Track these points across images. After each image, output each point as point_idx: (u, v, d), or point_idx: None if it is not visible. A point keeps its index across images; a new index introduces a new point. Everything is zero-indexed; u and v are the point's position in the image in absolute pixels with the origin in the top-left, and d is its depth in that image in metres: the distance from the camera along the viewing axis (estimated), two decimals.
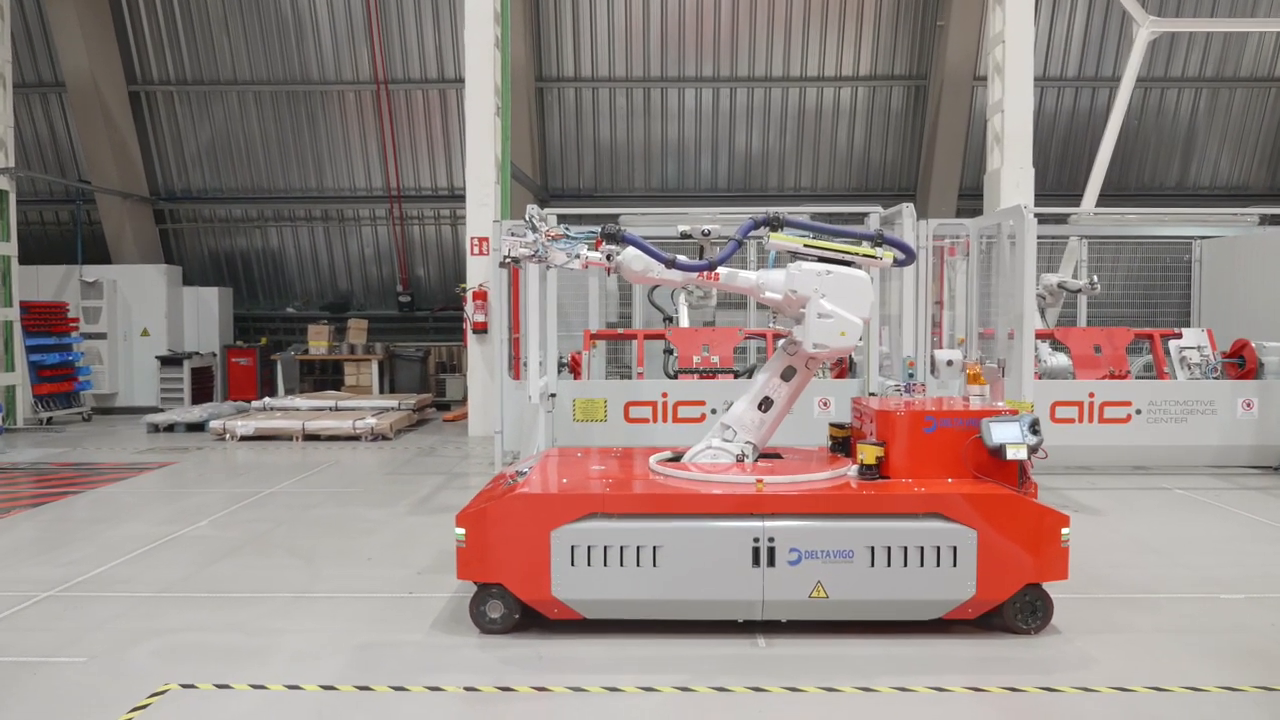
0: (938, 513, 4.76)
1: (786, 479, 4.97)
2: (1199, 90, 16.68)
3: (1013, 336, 8.92)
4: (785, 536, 4.74)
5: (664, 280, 5.30)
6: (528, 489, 4.89)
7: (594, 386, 9.77)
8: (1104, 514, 7.85)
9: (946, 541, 4.76)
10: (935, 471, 5.03)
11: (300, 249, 17.75)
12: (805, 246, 5.23)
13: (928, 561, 4.75)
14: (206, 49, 16.19)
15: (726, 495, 4.82)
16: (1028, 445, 4.87)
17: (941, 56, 15.84)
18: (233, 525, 7.52)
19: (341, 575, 6.10)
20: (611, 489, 4.89)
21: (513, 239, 5.25)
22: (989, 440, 4.90)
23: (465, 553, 4.84)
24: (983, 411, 5.08)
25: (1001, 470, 4.96)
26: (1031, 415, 4.99)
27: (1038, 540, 4.80)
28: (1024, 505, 4.81)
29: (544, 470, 5.41)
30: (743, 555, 4.74)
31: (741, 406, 5.44)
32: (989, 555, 4.76)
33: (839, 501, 4.81)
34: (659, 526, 4.76)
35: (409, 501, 8.43)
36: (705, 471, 5.16)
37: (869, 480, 5.02)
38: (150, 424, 13.24)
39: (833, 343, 5.08)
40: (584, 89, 16.61)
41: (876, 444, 5.09)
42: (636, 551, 4.75)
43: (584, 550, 4.75)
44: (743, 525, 4.76)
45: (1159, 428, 9.64)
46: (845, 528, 4.76)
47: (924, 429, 5.05)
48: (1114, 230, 11.94)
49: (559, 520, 4.76)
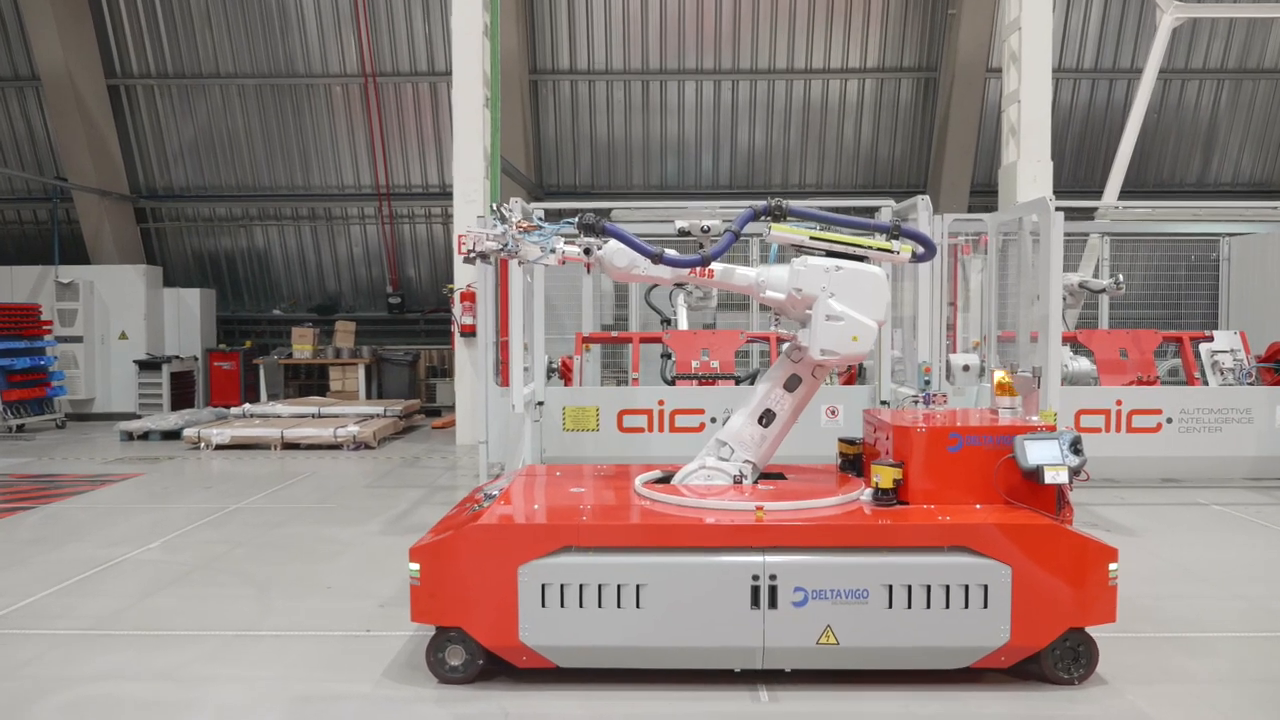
0: (965, 546, 4.10)
1: (790, 505, 4.31)
2: (1221, 82, 16.00)
3: (1035, 340, 8.28)
4: (789, 573, 4.08)
5: (651, 278, 4.65)
6: (490, 518, 4.24)
7: (585, 394, 9.14)
8: (1139, 534, 7.19)
9: (976, 579, 4.09)
10: (961, 496, 4.37)
11: (287, 248, 17.14)
12: (812, 239, 4.58)
13: (954, 602, 4.09)
14: (188, 41, 15.59)
15: (721, 525, 4.15)
16: (1069, 467, 4.22)
17: (953, 47, 15.19)
18: (186, 547, 6.89)
19: (294, 608, 5.46)
20: (588, 517, 4.24)
21: (478, 232, 4.62)
22: (1024, 461, 4.24)
23: (420, 591, 4.18)
24: (1015, 427, 4.41)
25: (1037, 495, 4.30)
26: (1072, 433, 4.34)
27: (1082, 577, 4.13)
28: (1066, 536, 4.15)
29: (515, 493, 4.76)
30: (740, 595, 4.08)
31: (739, 420, 4.77)
32: (1025, 595, 4.09)
33: (851, 532, 4.14)
34: (642, 562, 4.10)
35: (383, 519, 7.79)
36: (698, 496, 4.51)
37: (885, 506, 4.37)
38: (123, 432, 12.63)
39: (843, 348, 4.42)
40: (580, 82, 15.97)
41: (893, 464, 4.43)
42: (617, 590, 4.09)
43: (556, 589, 4.09)
44: (740, 560, 4.09)
45: (1192, 437, 8.96)
46: (858, 563, 4.10)
47: (948, 447, 4.39)
48: (1140, 226, 11.28)
49: (527, 554, 4.10)
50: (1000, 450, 4.34)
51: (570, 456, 8.86)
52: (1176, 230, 11.86)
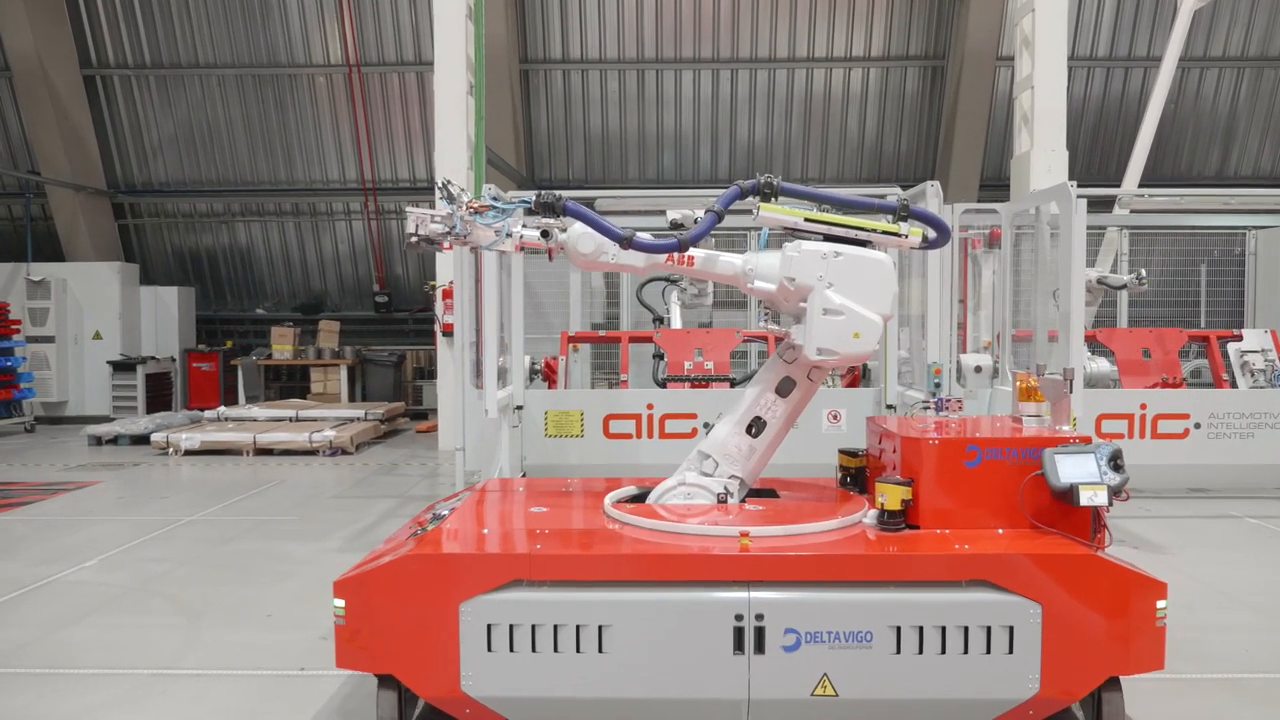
0: (987, 580, 3.47)
1: (781, 531, 3.68)
2: (1241, 71, 15.33)
3: (1054, 339, 7.66)
4: (779, 611, 3.45)
5: (621, 266, 4.00)
6: (428, 546, 3.62)
7: (568, 397, 8.53)
8: (1170, 551, 6.55)
9: (1000, 619, 3.45)
10: (981, 520, 3.75)
11: (270, 245, 16.55)
12: (806, 221, 3.94)
13: (974, 647, 3.45)
14: (166, 30, 15.00)
15: (698, 554, 3.52)
16: (1109, 486, 3.59)
17: (961, 34, 14.54)
18: (125, 566, 6.29)
19: (225, 641, 4.85)
20: (543, 545, 3.62)
21: (421, 212, 4.01)
22: (1055, 479, 3.60)
23: (346, 632, 3.54)
24: (1044, 439, 3.79)
25: (1069, 519, 3.66)
26: (1111, 445, 3.71)
27: (1125, 616, 3.49)
28: (1105, 568, 3.50)
29: (465, 514, 4.14)
30: (721, 637, 3.45)
31: (725, 429, 4.13)
32: (1058, 638, 3.45)
33: (852, 564, 3.50)
34: (605, 598, 3.47)
35: (346, 533, 7.18)
36: (675, 518, 3.87)
37: (892, 531, 3.74)
38: (92, 436, 12.04)
39: (843, 347, 3.77)
40: (573, 71, 15.35)
41: (902, 482, 3.78)
42: (576, 632, 3.46)
43: (504, 630, 3.46)
44: (721, 596, 3.46)
45: (1221, 444, 8.32)
46: (861, 600, 3.46)
47: (965, 462, 3.75)
48: (1161, 219, 10.65)
49: (470, 589, 3.47)
50: (1026, 466, 3.72)
51: (553, 464, 8.25)
52: (1199, 223, 11.21)
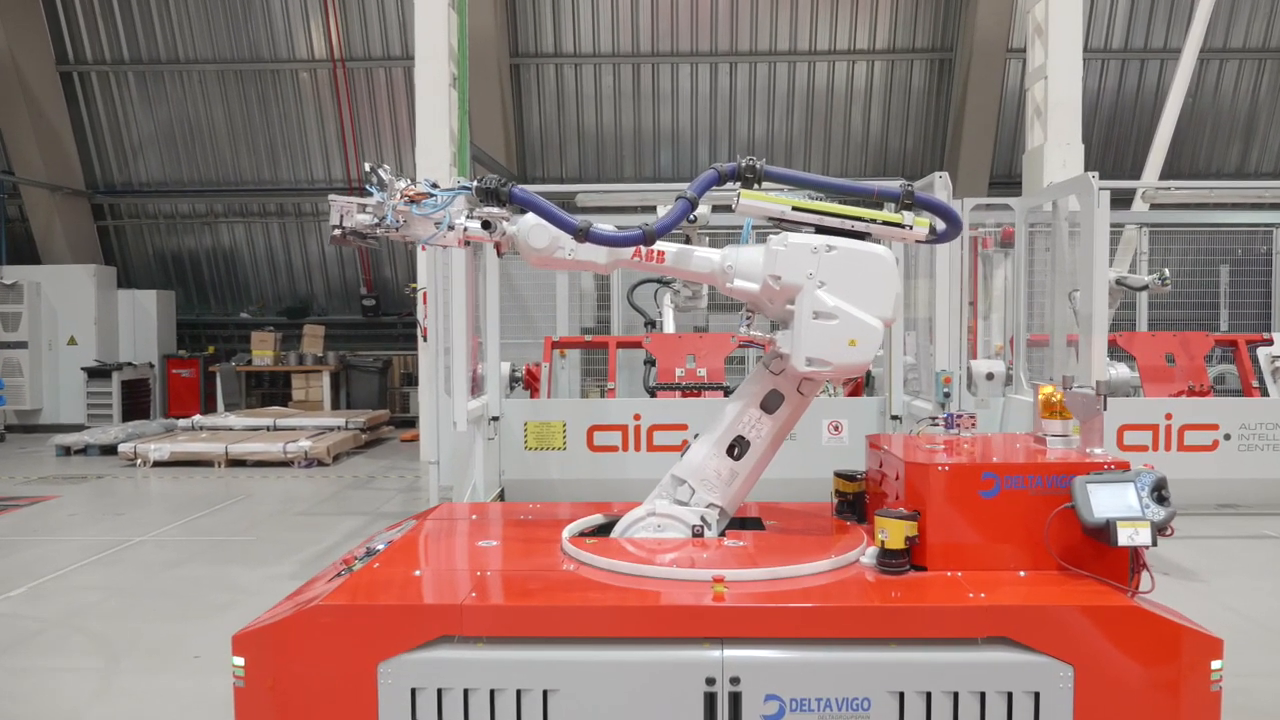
0: (1008, 636, 2.88)
1: (763, 574, 3.09)
2: (1262, 63, 14.69)
3: (1073, 344, 7.07)
4: (758, 674, 2.86)
5: (580, 263, 3.41)
6: (341, 595, 3.03)
7: (549, 407, 7.97)
8: (1200, 577, 5.96)
9: (1024, 684, 2.85)
10: (999, 560, 3.17)
11: (255, 247, 16.00)
12: (795, 210, 3.35)
13: (992, 716, 2.85)
14: (146, 24, 14.46)
15: (663, 606, 2.93)
16: (1152, 523, 3.01)
17: (970, 25, 13.93)
18: (56, 594, 5.74)
19: (142, 688, 4.29)
20: (479, 594, 3.03)
21: (346, 201, 3.44)
22: (1088, 514, 3.01)
23: (246, 696, 2.97)
24: (1073, 464, 3.20)
25: (1103, 559, 3.09)
26: (1154, 473, 3.14)
27: (1174, 681, 2.88)
28: (1152, 623, 2.89)
29: (399, 550, 3.56)
30: (689, 705, 2.86)
31: (702, 451, 3.52)
32: (1095, 707, 2.85)
33: (846, 617, 2.90)
34: (550, 658, 2.89)
35: (302, 557, 6.62)
36: (641, 557, 3.26)
37: (895, 574, 3.14)
38: (59, 446, 11.52)
39: (837, 356, 3.21)
40: (565, 66, 14.78)
41: (906, 515, 3.17)
42: (516, 699, 2.88)
43: (431, 695, 2.88)
44: (689, 656, 2.87)
45: (1253, 456, 7.71)
46: (856, 660, 2.87)
47: (981, 491, 3.17)
48: (1183, 216, 10.05)
49: (391, 647, 2.89)
50: (1053, 497, 3.14)
51: (533, 479, 7.70)
52: (1222, 220, 10.61)
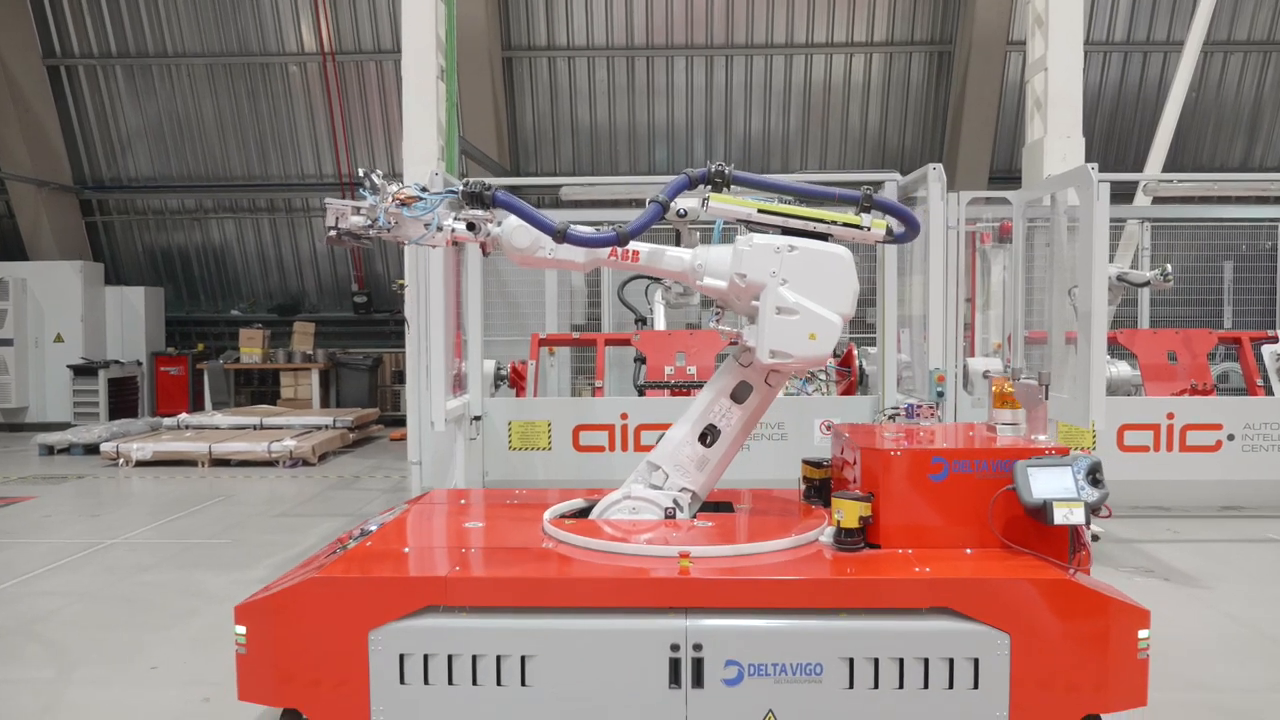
0: (951, 607, 2.96)
1: (726, 551, 3.19)
2: (1266, 55, 14.47)
3: (1070, 341, 6.86)
4: (719, 641, 2.97)
5: (560, 262, 3.58)
6: (336, 568, 3.15)
7: (534, 406, 7.80)
8: (1202, 582, 5.76)
9: (964, 651, 2.96)
10: (948, 538, 3.27)
11: (245, 243, 15.82)
12: (760, 212, 3.42)
13: (935, 681, 2.97)
14: (134, 17, 14.27)
15: (631, 578, 3.04)
16: (1086, 503, 3.05)
17: (969, 17, 13.72)
18: (15, 601, 5.55)
19: (93, 701, 4.11)
20: (462, 567, 3.14)
21: (340, 204, 3.66)
22: (1027, 494, 3.11)
23: (248, 662, 3.09)
24: (1016, 450, 3.29)
25: (1045, 538, 3.18)
26: (1089, 457, 3.16)
27: (1103, 647, 2.97)
28: (1080, 595, 2.99)
29: (390, 531, 3.66)
30: (655, 670, 2.96)
31: (676, 437, 3.62)
32: (1029, 671, 2.96)
33: (801, 589, 3.00)
34: (527, 626, 3.01)
35: (275, 560, 6.44)
36: (615, 536, 3.36)
37: (850, 551, 3.26)
38: (42, 445, 11.35)
39: (797, 349, 3.31)
40: (559, 59, 14.58)
41: (860, 497, 3.30)
42: (496, 664, 3.01)
43: (418, 660, 3.01)
44: (655, 625, 2.98)
45: (1257, 457, 7.51)
46: (810, 629, 2.97)
47: (930, 475, 3.28)
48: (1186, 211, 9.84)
49: (381, 616, 3.02)
50: (997, 480, 3.24)
51: (517, 479, 7.52)
52: (1226, 215, 10.39)
